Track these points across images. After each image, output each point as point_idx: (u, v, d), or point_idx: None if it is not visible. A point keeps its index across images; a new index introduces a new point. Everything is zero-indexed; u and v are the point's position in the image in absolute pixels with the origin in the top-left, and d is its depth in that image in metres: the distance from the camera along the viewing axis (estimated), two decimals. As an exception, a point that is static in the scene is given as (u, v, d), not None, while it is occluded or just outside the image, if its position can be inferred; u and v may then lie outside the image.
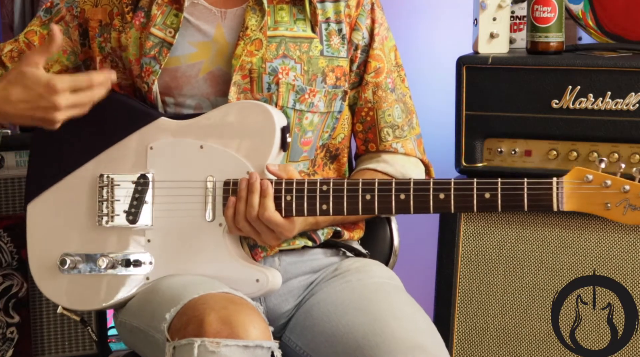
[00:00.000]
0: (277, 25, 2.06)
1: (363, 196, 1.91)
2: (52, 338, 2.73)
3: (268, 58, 2.04)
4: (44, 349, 2.71)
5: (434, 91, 3.03)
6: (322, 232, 2.10)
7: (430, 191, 1.88)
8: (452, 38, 3.03)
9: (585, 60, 2.45)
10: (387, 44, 2.17)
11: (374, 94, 2.15)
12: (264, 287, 1.96)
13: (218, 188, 1.96)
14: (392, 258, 2.34)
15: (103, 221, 2.01)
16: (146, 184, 1.99)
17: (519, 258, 2.51)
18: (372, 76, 2.15)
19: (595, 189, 1.79)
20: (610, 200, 1.79)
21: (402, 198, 1.90)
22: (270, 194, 1.91)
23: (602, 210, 1.79)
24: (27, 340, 2.68)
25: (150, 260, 1.99)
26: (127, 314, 2.01)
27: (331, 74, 2.09)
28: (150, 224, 1.99)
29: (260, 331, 1.79)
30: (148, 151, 1.99)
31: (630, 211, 1.78)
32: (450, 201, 1.87)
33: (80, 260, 2.01)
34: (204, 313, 1.78)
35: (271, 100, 2.03)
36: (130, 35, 2.06)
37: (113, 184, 2.00)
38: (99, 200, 2.01)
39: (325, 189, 1.92)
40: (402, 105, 2.17)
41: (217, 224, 1.96)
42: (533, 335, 2.49)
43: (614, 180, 1.78)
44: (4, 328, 2.66)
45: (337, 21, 2.10)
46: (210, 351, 1.75)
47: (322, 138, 2.11)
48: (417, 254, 2.96)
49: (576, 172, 1.81)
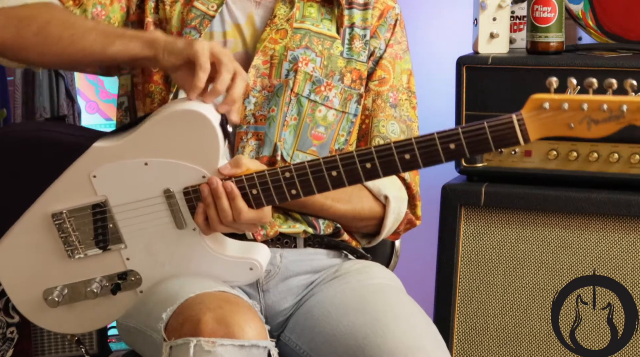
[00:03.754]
0: (304, 19, 2.11)
1: (329, 173, 1.89)
2: (52, 338, 2.73)
3: (291, 47, 2.07)
4: (44, 349, 2.71)
5: (434, 91, 3.04)
6: (323, 222, 2.10)
7: (395, 155, 1.85)
8: (452, 38, 3.04)
9: (585, 60, 2.45)
10: (400, 64, 2.18)
11: (373, 102, 2.15)
12: (259, 272, 1.96)
13: (179, 199, 1.92)
14: (393, 259, 2.34)
15: (75, 254, 1.97)
16: (104, 211, 1.95)
17: (519, 258, 2.51)
18: (375, 84, 2.15)
19: (554, 114, 1.78)
20: (572, 120, 1.77)
21: (368, 167, 1.88)
22: (237, 195, 1.88)
23: (566, 131, 1.78)
24: (27, 340, 2.68)
25: (137, 276, 1.97)
26: (126, 315, 2.01)
27: (349, 75, 2.11)
28: (123, 245, 1.96)
29: (256, 330, 1.79)
30: (92, 179, 1.94)
31: (593, 125, 1.77)
32: (417, 159, 1.85)
33: (67, 291, 1.98)
34: (200, 313, 1.78)
35: (287, 86, 2.05)
36: (175, 8, 2.10)
37: (69, 218, 1.96)
38: (61, 236, 1.96)
39: (289, 175, 1.89)
40: (403, 127, 2.17)
41: (190, 230, 1.93)
42: (533, 335, 2.49)
43: (570, 100, 1.77)
44: (4, 328, 2.66)
45: (363, 27, 2.14)
46: (206, 351, 1.75)
47: (337, 141, 2.12)
48: (417, 254, 2.96)
49: (532, 102, 1.79)
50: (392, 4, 2.19)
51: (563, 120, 1.78)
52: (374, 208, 2.12)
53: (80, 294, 1.98)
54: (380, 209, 2.13)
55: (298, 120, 2.07)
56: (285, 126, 2.05)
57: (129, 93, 2.15)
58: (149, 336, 1.91)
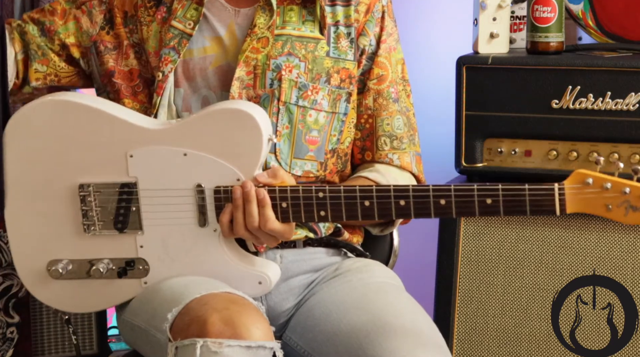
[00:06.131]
0: (284, 25, 2.09)
1: (362, 202, 1.89)
2: (52, 338, 2.73)
3: (273, 55, 2.06)
4: (44, 349, 2.71)
5: (434, 91, 3.03)
6: (323, 225, 2.10)
7: (430, 198, 1.87)
8: (452, 38, 3.03)
9: (585, 60, 2.45)
10: (395, 55, 2.17)
11: (375, 101, 2.15)
12: (267, 288, 1.96)
13: (208, 196, 1.93)
14: (392, 258, 2.34)
15: (90, 229, 1.98)
16: (131, 193, 1.96)
17: (519, 258, 2.50)
18: (374, 83, 2.15)
19: (596, 192, 1.79)
20: (611, 202, 1.79)
21: (402, 204, 1.88)
22: (268, 203, 1.89)
23: (603, 212, 1.80)
24: (27, 340, 2.67)
25: (145, 265, 1.97)
26: (129, 312, 2.01)
27: (336, 75, 2.10)
28: (140, 231, 1.97)
29: (262, 331, 1.79)
30: (128, 159, 1.95)
31: (631, 212, 1.78)
32: (451, 207, 1.85)
33: (72, 266, 1.98)
34: (206, 314, 1.78)
35: (273, 96, 2.04)
36: (152, 28, 2.10)
37: (95, 192, 1.97)
38: (83, 208, 1.97)
39: (322, 196, 1.89)
40: (404, 119, 2.17)
41: (211, 230, 1.94)
42: (533, 335, 2.49)
43: (614, 182, 1.79)
44: (4, 328, 2.65)
45: (347, 25, 2.12)
46: (212, 352, 1.75)
47: (330, 141, 2.12)
48: (417, 254, 2.96)
49: (576, 176, 1.81)
50: None
51: (603, 201, 1.79)
52: None
53: (84, 272, 1.98)
54: None
55: (290, 128, 2.07)
56: (278, 136, 2.05)
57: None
58: (152, 336, 1.91)
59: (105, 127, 1.96)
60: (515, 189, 1.83)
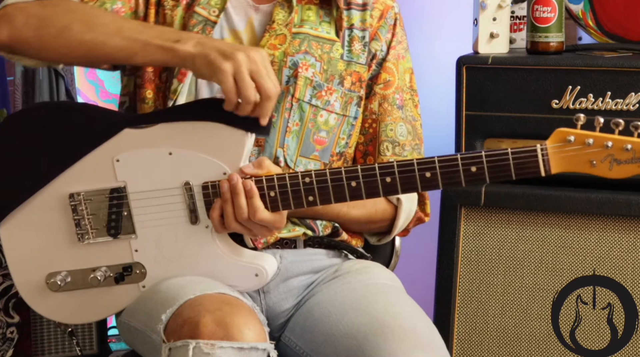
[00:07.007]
0: (302, 23, 2.10)
1: (348, 183, 1.89)
2: (52, 338, 2.73)
3: (290, 52, 2.07)
4: (44, 349, 2.71)
5: (434, 91, 3.03)
6: (320, 223, 2.10)
7: (415, 171, 1.86)
8: (452, 38, 3.04)
9: (585, 60, 2.45)
10: (403, 63, 2.18)
11: (380, 106, 2.16)
12: (264, 280, 1.96)
13: (197, 193, 1.93)
14: (393, 259, 2.34)
15: (84, 238, 1.97)
16: (121, 197, 1.95)
17: (519, 258, 2.51)
18: (380, 87, 2.15)
19: (578, 149, 1.79)
20: (595, 157, 1.79)
21: (388, 181, 1.88)
22: (256, 194, 1.89)
23: (588, 168, 1.80)
24: (27, 340, 2.68)
25: (142, 269, 1.97)
26: (126, 314, 2.01)
27: (349, 78, 2.11)
28: (134, 235, 1.97)
29: (255, 332, 1.79)
30: (115, 164, 1.94)
31: (615, 165, 1.79)
32: (437, 179, 1.85)
33: (70, 277, 1.98)
34: (199, 315, 1.78)
35: (288, 93, 2.05)
36: (176, 13, 2.09)
37: (85, 200, 1.96)
38: (75, 218, 1.96)
39: (309, 181, 1.89)
40: (409, 127, 2.17)
41: (203, 227, 1.94)
42: (533, 335, 2.49)
43: (595, 138, 1.79)
44: (4, 328, 2.66)
45: (362, 29, 2.13)
46: (205, 353, 1.75)
47: (339, 145, 2.12)
48: (417, 254, 2.96)
49: (558, 134, 1.81)
50: (391, 4, 2.18)
51: (586, 156, 1.79)
52: (386, 211, 2.13)
53: (82, 282, 1.98)
54: (392, 211, 2.13)
55: (300, 125, 2.07)
56: (287, 132, 2.05)
57: (131, 93, 2.15)
58: (148, 337, 1.91)
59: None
60: (499, 154, 1.83)
